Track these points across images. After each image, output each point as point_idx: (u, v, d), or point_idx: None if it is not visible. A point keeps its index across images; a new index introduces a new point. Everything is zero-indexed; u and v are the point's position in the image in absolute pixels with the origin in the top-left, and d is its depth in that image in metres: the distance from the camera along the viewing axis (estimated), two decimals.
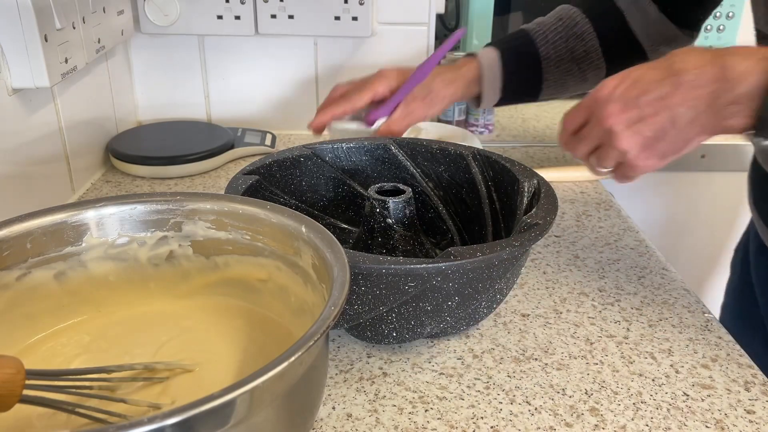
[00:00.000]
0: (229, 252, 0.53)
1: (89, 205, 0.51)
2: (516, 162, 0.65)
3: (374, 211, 0.61)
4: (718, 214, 1.20)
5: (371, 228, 0.62)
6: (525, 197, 0.61)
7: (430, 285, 0.50)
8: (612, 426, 0.49)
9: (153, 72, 1.05)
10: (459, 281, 0.51)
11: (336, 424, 0.49)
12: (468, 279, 0.51)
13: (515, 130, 1.14)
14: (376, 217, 0.61)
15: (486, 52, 0.84)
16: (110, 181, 0.90)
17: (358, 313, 0.52)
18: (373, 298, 0.51)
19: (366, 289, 0.50)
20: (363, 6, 0.98)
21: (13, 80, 0.68)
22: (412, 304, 0.52)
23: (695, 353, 0.57)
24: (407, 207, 0.61)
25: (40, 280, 0.49)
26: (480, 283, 0.52)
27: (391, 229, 0.61)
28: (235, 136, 0.99)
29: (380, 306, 0.51)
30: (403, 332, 0.54)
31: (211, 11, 0.98)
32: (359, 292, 0.51)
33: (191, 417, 0.31)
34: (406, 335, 0.55)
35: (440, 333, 0.57)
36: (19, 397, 0.38)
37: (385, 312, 0.52)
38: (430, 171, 0.71)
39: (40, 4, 0.67)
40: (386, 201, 0.60)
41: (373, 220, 0.62)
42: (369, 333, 0.55)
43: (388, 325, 0.54)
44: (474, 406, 0.51)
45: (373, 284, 0.50)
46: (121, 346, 0.50)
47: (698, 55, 0.51)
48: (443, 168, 0.70)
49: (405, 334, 0.55)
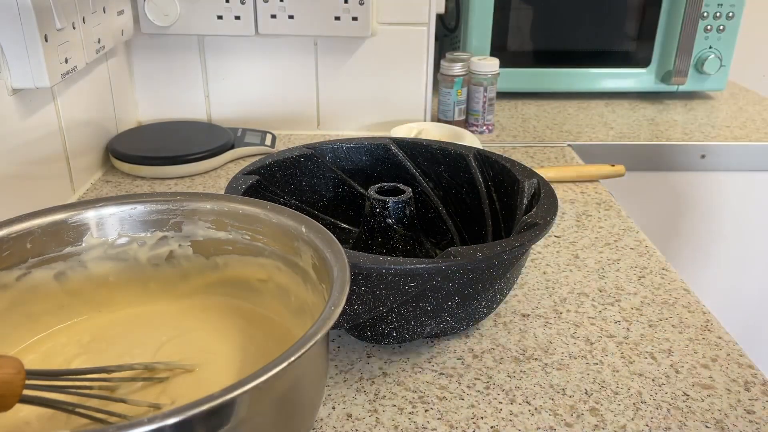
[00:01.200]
0: (229, 252, 0.53)
1: (89, 205, 0.51)
2: (516, 162, 0.65)
3: (374, 211, 0.61)
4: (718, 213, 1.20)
5: (371, 228, 0.62)
6: (525, 197, 0.61)
7: (430, 285, 0.50)
8: (612, 426, 0.49)
9: (153, 72, 1.05)
10: (459, 281, 0.51)
11: (336, 424, 0.49)
12: (468, 279, 0.51)
13: (515, 130, 1.14)
14: (376, 217, 0.61)
15: None
16: (110, 181, 0.90)
17: (358, 313, 0.52)
18: (373, 298, 0.51)
19: (366, 289, 0.50)
20: (363, 6, 0.98)
21: (13, 80, 0.68)
22: (413, 304, 0.52)
23: (695, 353, 0.57)
24: (407, 207, 0.61)
25: (40, 280, 0.49)
26: (480, 283, 0.52)
27: (391, 229, 0.61)
28: (235, 136, 0.99)
29: (380, 306, 0.51)
30: (403, 332, 0.54)
31: (211, 11, 0.98)
32: (359, 292, 0.51)
33: (191, 417, 0.31)
34: (406, 335, 0.55)
35: (440, 333, 0.57)
36: (19, 397, 0.38)
37: (385, 312, 0.52)
38: (430, 171, 0.71)
39: (40, 4, 0.67)
40: (386, 201, 0.60)
41: (373, 220, 0.62)
42: (369, 333, 0.55)
43: (388, 325, 0.54)
44: (474, 406, 0.51)
45: (373, 284, 0.50)
46: (121, 346, 0.50)
47: None
48: (443, 168, 0.70)
49: (405, 334, 0.55)
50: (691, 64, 1.24)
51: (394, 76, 1.06)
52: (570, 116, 1.22)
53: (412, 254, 0.62)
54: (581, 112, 1.24)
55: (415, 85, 1.07)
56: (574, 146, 1.07)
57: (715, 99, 1.34)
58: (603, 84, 1.29)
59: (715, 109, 1.28)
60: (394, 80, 1.06)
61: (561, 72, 1.27)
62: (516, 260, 0.53)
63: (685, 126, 1.18)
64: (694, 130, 1.17)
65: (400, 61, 1.05)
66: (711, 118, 1.22)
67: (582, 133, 1.13)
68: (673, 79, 1.24)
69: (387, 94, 1.07)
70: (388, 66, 1.05)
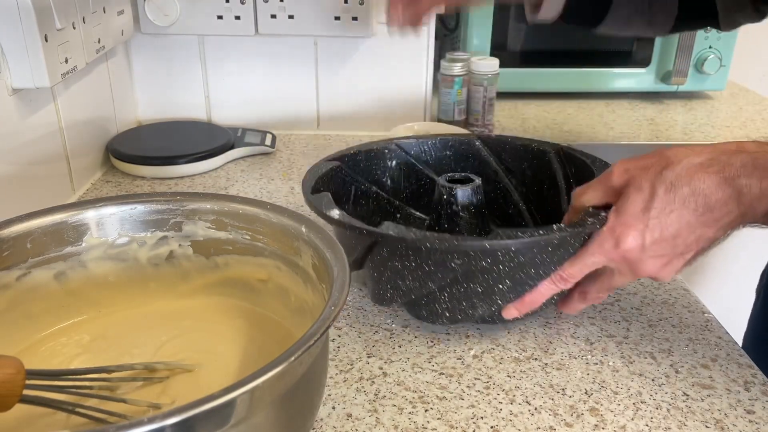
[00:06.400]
0: (229, 252, 0.53)
1: (89, 205, 0.51)
2: (597, 158, 0.66)
3: (442, 198, 0.63)
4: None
5: (439, 215, 0.63)
6: None
7: (478, 265, 0.52)
8: (612, 426, 0.49)
9: (153, 72, 1.05)
10: (509, 264, 0.52)
11: (336, 424, 0.49)
12: (519, 263, 0.52)
13: (515, 130, 1.14)
14: (443, 204, 0.63)
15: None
16: (110, 181, 0.90)
17: (410, 289, 0.55)
18: (423, 274, 0.53)
19: (416, 265, 0.53)
20: (363, 6, 0.98)
21: (13, 80, 0.68)
22: (463, 285, 0.54)
23: (695, 353, 0.57)
24: (475, 195, 0.62)
25: (40, 280, 0.49)
26: (532, 268, 0.53)
27: (458, 216, 0.62)
28: (235, 136, 0.98)
29: (429, 282, 0.53)
30: (455, 313, 0.56)
31: (211, 11, 0.98)
32: (409, 267, 0.53)
33: (191, 417, 0.31)
34: (458, 316, 0.57)
35: (490, 319, 0.58)
36: (19, 397, 0.38)
37: (437, 290, 0.54)
38: (514, 168, 0.72)
39: (40, 4, 0.67)
40: (453, 188, 0.62)
41: (441, 207, 0.63)
42: (424, 312, 0.58)
43: (441, 305, 0.56)
44: (474, 406, 0.51)
45: (422, 260, 0.52)
46: (121, 346, 0.50)
47: (708, 179, 0.48)
48: (526, 165, 0.71)
49: (457, 315, 0.57)
50: (691, 64, 1.24)
51: (394, 76, 1.05)
52: (570, 116, 1.22)
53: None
54: (581, 112, 1.24)
55: (415, 85, 1.07)
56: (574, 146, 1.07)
57: (715, 99, 1.34)
58: (603, 84, 1.29)
59: (715, 109, 1.28)
60: (394, 80, 1.06)
61: (561, 72, 1.27)
62: (571, 247, 0.53)
63: (685, 126, 1.18)
64: (694, 130, 1.16)
65: (400, 61, 1.05)
66: (711, 118, 1.22)
67: (582, 133, 1.13)
68: (673, 79, 1.24)
69: (387, 94, 1.07)
70: (388, 66, 1.05)
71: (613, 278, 0.54)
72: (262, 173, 0.93)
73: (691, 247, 0.50)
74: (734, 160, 0.48)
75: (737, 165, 0.48)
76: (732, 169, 0.48)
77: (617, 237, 0.51)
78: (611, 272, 0.54)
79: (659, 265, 0.51)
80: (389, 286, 0.57)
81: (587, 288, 0.57)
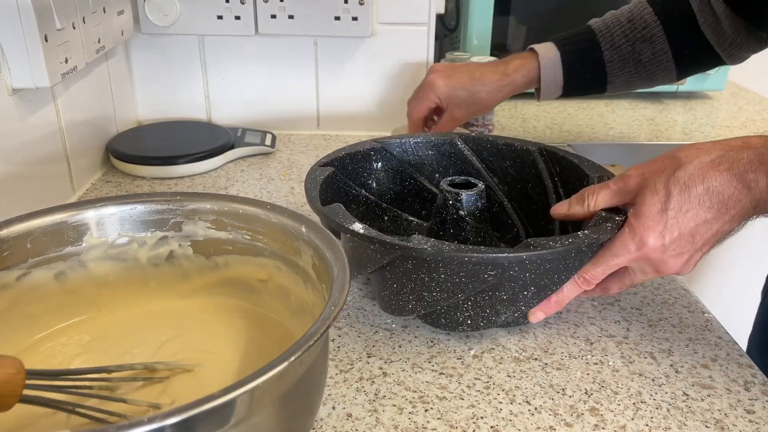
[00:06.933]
0: (229, 252, 0.53)
1: (89, 205, 0.51)
2: (584, 158, 0.67)
3: (447, 203, 0.63)
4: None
5: (443, 219, 0.63)
6: None
7: (507, 274, 0.52)
8: (612, 426, 0.49)
9: (153, 72, 1.05)
10: (536, 271, 0.52)
11: (336, 424, 0.49)
12: (545, 270, 0.53)
13: (515, 130, 1.14)
14: (448, 209, 0.63)
15: (546, 51, 0.82)
16: (110, 181, 0.90)
17: (437, 300, 0.54)
18: (452, 285, 0.53)
19: (446, 277, 0.52)
20: (363, 6, 0.98)
21: (13, 80, 0.68)
22: (489, 293, 0.54)
23: (695, 353, 0.57)
24: (479, 200, 0.63)
25: (40, 280, 0.49)
26: (556, 274, 0.54)
27: (463, 221, 0.63)
28: (235, 136, 0.98)
29: (458, 293, 0.53)
30: (478, 320, 0.56)
31: (211, 11, 0.98)
32: (439, 279, 0.53)
33: (191, 417, 0.31)
34: (481, 323, 0.57)
35: (513, 322, 0.58)
36: (19, 397, 0.38)
37: (462, 300, 0.54)
38: (496, 166, 0.73)
39: (40, 4, 0.67)
40: (459, 193, 0.62)
41: (446, 212, 0.63)
42: (443, 320, 0.57)
43: (463, 313, 0.56)
44: (474, 406, 0.51)
45: (453, 272, 0.52)
46: (121, 346, 0.50)
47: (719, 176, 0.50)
48: (509, 163, 0.72)
49: (480, 322, 0.56)
50: None
51: (394, 76, 1.05)
52: (570, 116, 1.22)
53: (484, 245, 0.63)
54: (581, 112, 1.24)
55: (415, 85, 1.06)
56: (574, 146, 1.07)
57: (715, 99, 1.34)
58: None
59: (715, 109, 1.28)
60: (394, 80, 1.06)
61: None
62: (593, 252, 0.54)
63: (685, 126, 1.18)
64: (694, 130, 1.17)
65: (400, 61, 1.05)
66: (711, 118, 1.22)
67: (582, 133, 1.13)
68: None
69: (387, 94, 1.07)
70: (388, 66, 1.05)
71: (635, 276, 0.56)
72: (262, 173, 0.93)
73: (709, 241, 0.52)
74: (742, 155, 0.50)
75: (745, 161, 0.50)
76: (740, 165, 0.50)
77: (639, 239, 0.52)
78: (633, 270, 0.56)
79: (681, 262, 0.53)
80: (412, 297, 0.55)
81: (609, 285, 0.58)
